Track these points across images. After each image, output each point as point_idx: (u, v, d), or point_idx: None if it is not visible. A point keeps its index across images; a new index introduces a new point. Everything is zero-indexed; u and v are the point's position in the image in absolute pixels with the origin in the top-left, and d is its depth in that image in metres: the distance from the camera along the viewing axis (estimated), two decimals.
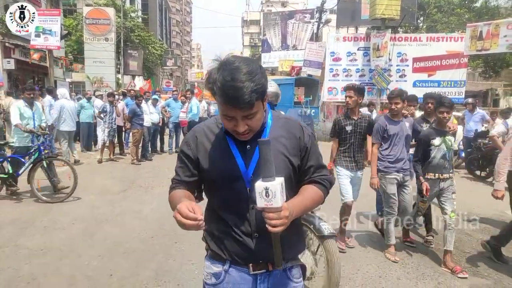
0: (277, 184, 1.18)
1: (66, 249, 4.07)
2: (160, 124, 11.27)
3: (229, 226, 1.42)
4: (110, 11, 25.52)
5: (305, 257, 2.85)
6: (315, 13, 24.85)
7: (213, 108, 20.65)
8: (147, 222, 5.04)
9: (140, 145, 10.00)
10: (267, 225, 1.21)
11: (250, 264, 1.42)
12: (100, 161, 9.36)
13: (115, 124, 9.73)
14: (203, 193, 1.59)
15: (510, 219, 4.19)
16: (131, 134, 10.02)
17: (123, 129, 10.67)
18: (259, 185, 1.18)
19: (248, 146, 1.40)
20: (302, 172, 1.48)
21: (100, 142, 9.92)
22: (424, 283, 3.56)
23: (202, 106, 12.78)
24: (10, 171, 5.96)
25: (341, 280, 3.51)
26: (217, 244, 1.46)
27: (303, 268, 1.57)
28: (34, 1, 17.51)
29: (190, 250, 4.11)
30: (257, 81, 1.26)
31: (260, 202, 1.19)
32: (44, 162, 5.94)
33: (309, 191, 1.45)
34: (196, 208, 1.23)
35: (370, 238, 4.64)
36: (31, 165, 5.93)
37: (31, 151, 6.05)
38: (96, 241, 4.32)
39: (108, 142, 9.61)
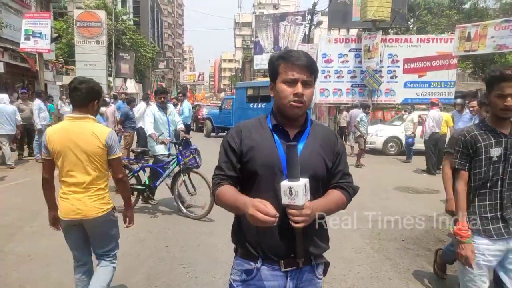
0: (301, 184, 1.32)
1: (54, 255, 4.01)
2: None
3: None
4: (101, 14, 25.36)
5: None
6: (306, 15, 24.98)
7: (205, 111, 20.65)
8: (137, 226, 4.95)
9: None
10: (290, 221, 1.35)
11: (282, 261, 1.50)
12: None
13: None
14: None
15: None
16: (122, 137, 9.94)
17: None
18: (284, 184, 1.34)
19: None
20: (331, 176, 1.59)
21: None
22: (415, 283, 3.57)
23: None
24: (147, 182, 5.48)
25: (333, 281, 3.52)
26: (251, 241, 1.52)
27: (326, 265, 1.65)
28: (24, 4, 17.38)
29: (181, 253, 4.08)
30: (313, 60, 1.55)
31: (284, 199, 1.34)
32: (181, 174, 5.30)
33: (334, 195, 1.56)
34: (268, 204, 1.32)
35: (362, 239, 4.65)
36: (172, 176, 5.40)
37: (169, 160, 5.56)
38: None
39: None
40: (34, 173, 8.40)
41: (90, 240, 2.78)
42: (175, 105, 11.21)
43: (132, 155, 9.86)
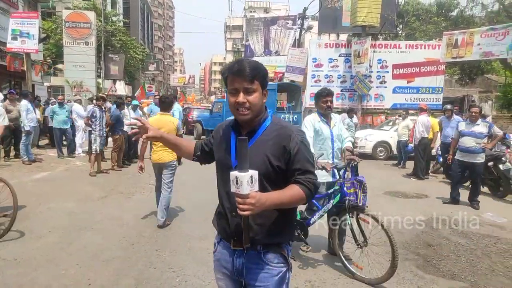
0: (246, 175, 1.44)
1: (42, 258, 3.94)
2: None
3: (220, 205, 1.80)
4: (91, 15, 25.12)
5: None
6: (297, 19, 25.15)
7: (196, 113, 20.57)
8: (127, 229, 4.94)
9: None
10: (237, 208, 1.50)
11: (232, 240, 1.73)
12: (93, 175, 8.43)
13: (105, 131, 9.04)
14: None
15: (492, 223, 4.31)
16: (112, 139, 9.82)
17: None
18: (232, 173, 1.47)
19: None
20: (289, 174, 1.69)
21: (93, 152, 8.74)
22: (404, 287, 3.60)
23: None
24: (298, 217, 3.96)
25: (323, 285, 3.53)
26: (215, 219, 1.86)
27: (283, 257, 1.75)
28: (11, 4, 17.10)
29: (171, 257, 4.05)
30: (258, 66, 1.68)
31: (232, 188, 1.48)
32: (347, 214, 3.74)
33: (289, 189, 1.66)
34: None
35: (352, 244, 4.66)
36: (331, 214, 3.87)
37: (330, 191, 3.89)
38: (74, 249, 4.21)
39: (98, 151, 8.68)
40: (21, 175, 8.27)
41: (162, 175, 5.09)
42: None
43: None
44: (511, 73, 18.07)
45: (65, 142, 11.28)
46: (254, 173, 1.47)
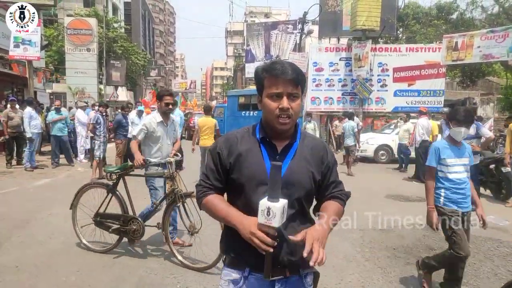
0: (280, 206, 1.30)
1: (43, 264, 3.95)
2: None
3: None
4: (92, 22, 25.30)
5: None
6: (297, 24, 25.22)
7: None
8: None
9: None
10: (257, 243, 1.34)
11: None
12: (95, 180, 8.40)
13: (107, 137, 9.05)
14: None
15: (494, 226, 4.25)
16: (114, 145, 9.85)
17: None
18: (263, 203, 1.31)
19: (277, 157, 1.52)
20: (324, 187, 1.62)
21: (96, 158, 8.77)
22: None
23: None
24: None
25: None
26: (237, 250, 1.52)
27: (316, 275, 1.64)
28: None
29: (172, 263, 4.04)
30: (300, 70, 1.52)
31: (261, 219, 1.32)
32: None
33: (334, 207, 1.58)
34: (266, 233, 1.36)
35: (353, 247, 4.66)
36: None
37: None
38: (74, 256, 4.21)
39: (101, 157, 8.69)
40: (23, 182, 8.30)
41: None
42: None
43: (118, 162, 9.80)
44: None
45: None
46: (285, 203, 1.34)
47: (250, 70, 28.18)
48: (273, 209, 1.29)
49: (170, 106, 4.41)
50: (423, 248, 4.70)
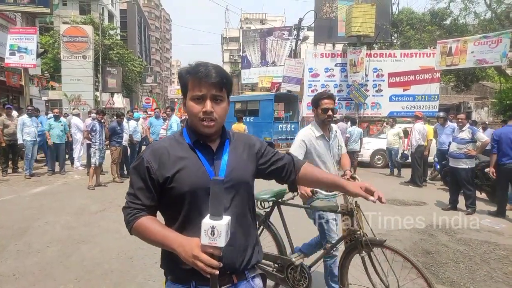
0: (225, 223, 1.19)
1: (40, 273, 3.93)
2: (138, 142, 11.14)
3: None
4: (88, 29, 25.36)
5: None
6: (293, 30, 25.40)
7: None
8: (126, 242, 4.92)
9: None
10: (202, 266, 1.21)
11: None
12: (92, 188, 8.37)
13: (104, 145, 9.01)
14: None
15: (490, 229, 4.32)
16: (109, 152, 9.85)
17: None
18: (206, 222, 1.19)
19: (214, 157, 1.46)
20: (274, 163, 1.63)
21: (92, 165, 8.70)
22: None
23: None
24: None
25: None
26: (180, 266, 1.35)
27: (263, 276, 1.58)
28: (9, 20, 17.25)
29: None
30: (226, 72, 1.46)
31: (204, 240, 1.19)
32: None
33: (317, 170, 1.72)
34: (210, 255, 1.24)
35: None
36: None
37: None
38: (72, 264, 4.19)
39: (98, 165, 8.67)
40: (19, 190, 8.26)
41: None
42: (164, 119, 11.22)
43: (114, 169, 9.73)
44: (505, 79, 18.23)
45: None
46: (229, 220, 1.23)
47: (246, 76, 28.29)
48: (218, 228, 1.17)
49: (330, 113, 3.25)
50: (420, 252, 4.72)
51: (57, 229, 5.47)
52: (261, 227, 3.36)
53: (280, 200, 3.32)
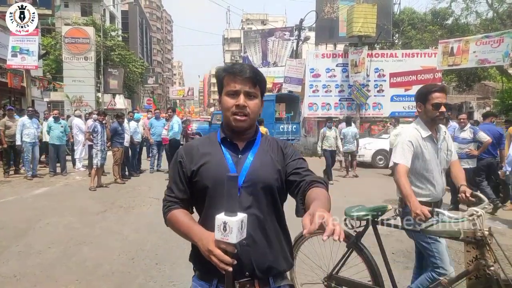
0: (236, 220, 1.19)
1: (42, 274, 3.93)
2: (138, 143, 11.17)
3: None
4: (90, 30, 25.43)
5: None
6: (294, 30, 25.38)
7: (195, 125, 20.67)
8: (127, 243, 4.93)
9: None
10: (215, 261, 1.23)
11: (237, 283, 1.38)
12: (93, 189, 8.38)
13: (106, 146, 8.98)
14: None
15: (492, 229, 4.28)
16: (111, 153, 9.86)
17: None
18: (219, 218, 1.21)
19: (239, 155, 1.49)
20: (295, 174, 1.50)
21: (94, 166, 8.61)
22: None
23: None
24: None
25: None
26: (204, 262, 1.35)
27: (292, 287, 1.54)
28: None
29: (172, 271, 4.04)
30: (259, 71, 1.51)
31: (217, 234, 1.21)
32: None
33: (322, 194, 1.35)
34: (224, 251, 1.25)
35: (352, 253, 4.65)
36: None
37: None
38: (74, 265, 4.20)
39: (99, 166, 8.63)
40: (20, 191, 8.28)
41: None
42: (167, 120, 11.25)
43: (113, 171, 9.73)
44: (507, 79, 18.18)
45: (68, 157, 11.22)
46: (244, 218, 1.23)
47: None
48: (230, 224, 1.19)
49: (443, 109, 2.71)
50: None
51: (59, 230, 5.48)
52: (350, 250, 2.95)
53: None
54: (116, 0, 40.25)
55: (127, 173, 10.30)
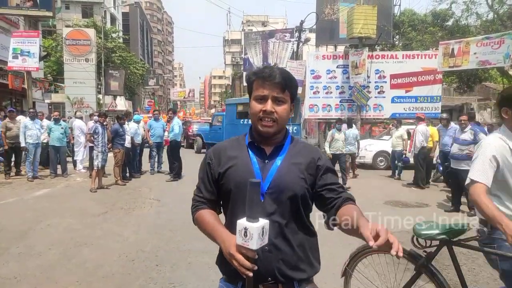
0: (257, 226, 1.19)
1: (42, 275, 3.93)
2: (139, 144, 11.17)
3: None
4: (91, 32, 25.47)
5: None
6: (294, 32, 25.39)
7: (196, 127, 20.67)
8: (127, 245, 4.93)
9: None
10: (236, 265, 1.25)
11: (261, 286, 1.39)
12: (94, 190, 8.39)
13: (107, 147, 8.96)
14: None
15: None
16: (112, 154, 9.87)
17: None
18: (240, 223, 1.21)
19: (266, 161, 1.48)
20: (330, 190, 1.46)
21: (95, 168, 8.63)
22: None
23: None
24: None
25: None
26: (230, 264, 1.34)
27: None
28: (11, 23, 17.36)
29: (172, 272, 4.04)
30: (291, 76, 1.50)
31: (239, 239, 1.22)
32: None
33: (357, 211, 1.35)
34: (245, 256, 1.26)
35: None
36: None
37: None
38: (74, 266, 4.20)
39: (100, 167, 8.65)
40: (21, 192, 8.29)
41: None
42: (168, 121, 11.27)
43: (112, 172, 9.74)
44: (508, 80, 18.16)
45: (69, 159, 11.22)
46: (266, 224, 1.22)
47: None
48: (250, 230, 1.18)
49: None
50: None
51: (59, 232, 5.48)
52: (419, 273, 2.67)
53: (454, 239, 2.46)
54: (117, 1, 40.36)
55: (128, 174, 10.30)
